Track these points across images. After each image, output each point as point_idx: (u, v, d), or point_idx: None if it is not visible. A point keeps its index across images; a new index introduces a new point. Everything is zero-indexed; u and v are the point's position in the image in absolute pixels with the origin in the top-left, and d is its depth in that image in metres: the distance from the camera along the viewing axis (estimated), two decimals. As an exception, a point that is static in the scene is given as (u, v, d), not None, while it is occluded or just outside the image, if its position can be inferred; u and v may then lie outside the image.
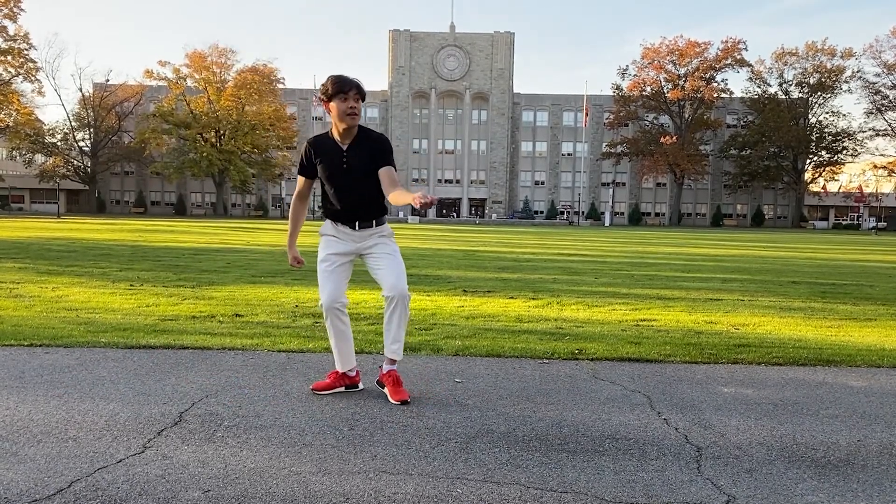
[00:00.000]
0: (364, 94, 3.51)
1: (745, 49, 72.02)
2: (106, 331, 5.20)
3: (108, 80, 75.04)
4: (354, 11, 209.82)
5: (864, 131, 73.81)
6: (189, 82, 70.50)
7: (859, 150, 74.08)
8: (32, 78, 67.08)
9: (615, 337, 5.40)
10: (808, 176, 76.60)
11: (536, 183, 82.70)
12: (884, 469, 2.73)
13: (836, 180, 77.78)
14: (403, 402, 3.50)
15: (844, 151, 74.35)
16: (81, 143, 76.14)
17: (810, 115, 75.21)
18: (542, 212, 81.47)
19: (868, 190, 76.84)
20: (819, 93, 73.69)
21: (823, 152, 75.22)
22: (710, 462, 2.76)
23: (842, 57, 71.91)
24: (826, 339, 5.52)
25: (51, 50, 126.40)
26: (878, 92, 71.51)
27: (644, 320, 6.33)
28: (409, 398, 3.53)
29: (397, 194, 3.35)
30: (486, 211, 78.50)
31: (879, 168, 73.96)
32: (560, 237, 30.23)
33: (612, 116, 76.19)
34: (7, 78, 65.72)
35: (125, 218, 52.81)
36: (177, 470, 2.55)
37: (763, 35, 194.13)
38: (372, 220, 3.65)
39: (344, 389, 3.73)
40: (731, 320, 6.43)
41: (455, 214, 78.88)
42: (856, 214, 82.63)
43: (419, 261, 13.03)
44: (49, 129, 72.85)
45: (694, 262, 14.63)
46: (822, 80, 72.49)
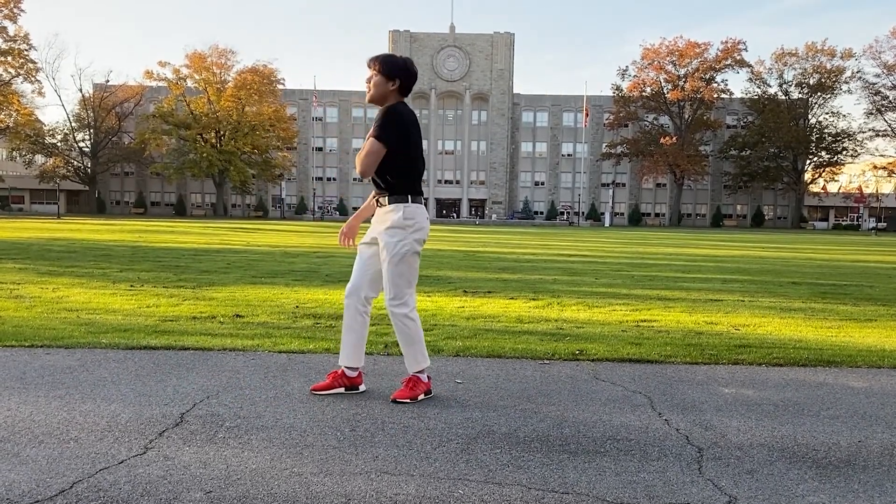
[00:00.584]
0: (384, 65, 3.44)
1: (745, 49, 72.15)
2: (107, 331, 5.20)
3: (108, 81, 75.15)
4: (354, 11, 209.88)
5: (863, 132, 73.92)
6: (189, 83, 70.53)
7: (859, 151, 74.18)
8: (32, 78, 67.17)
9: (616, 338, 5.40)
10: (807, 176, 76.64)
11: (536, 183, 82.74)
12: (885, 470, 2.73)
13: (835, 181, 77.90)
14: (394, 400, 3.49)
15: (844, 152, 74.41)
16: (81, 144, 76.21)
17: (810, 116, 75.26)
18: (541, 212, 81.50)
19: (868, 190, 76.89)
20: (819, 93, 73.75)
21: (823, 153, 75.27)
22: (711, 463, 2.76)
23: (842, 57, 71.98)
24: (827, 340, 5.52)
25: (51, 50, 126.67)
26: (877, 92, 71.58)
27: (644, 321, 6.33)
28: (398, 398, 3.49)
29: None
30: (486, 211, 78.52)
31: (879, 169, 74.03)
32: (560, 238, 30.24)
33: (611, 117, 76.24)
34: (7, 78, 65.75)
35: (125, 218, 52.82)
36: (178, 471, 2.55)
37: (763, 35, 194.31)
38: (386, 196, 3.52)
39: (344, 391, 3.65)
40: (731, 321, 6.43)
41: (455, 215, 78.89)
42: (856, 215, 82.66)
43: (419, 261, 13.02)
44: (49, 130, 72.90)
45: (694, 263, 14.63)
46: (822, 80, 72.53)
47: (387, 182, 3.50)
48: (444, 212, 79.52)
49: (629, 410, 3.47)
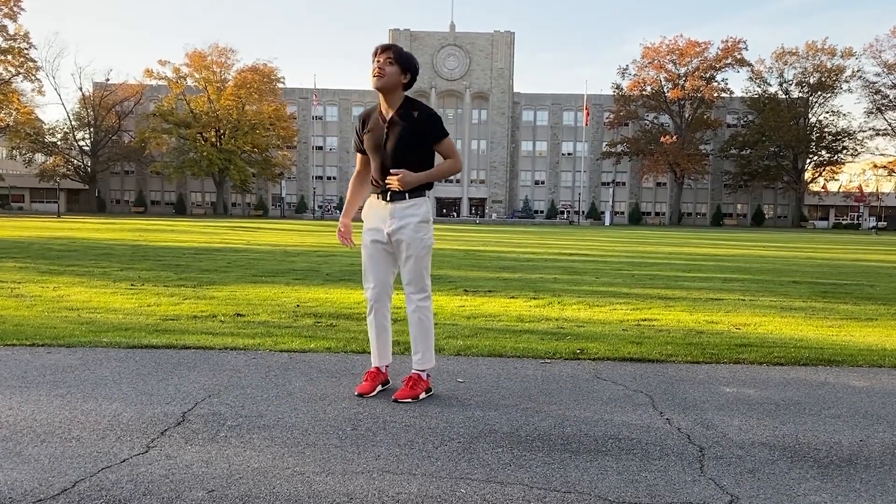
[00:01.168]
0: (401, 57, 3.39)
1: (746, 49, 72.11)
2: (108, 330, 5.21)
3: (108, 80, 75.11)
4: (354, 10, 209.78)
5: (864, 131, 73.92)
6: (189, 82, 70.53)
7: (859, 150, 74.19)
8: (32, 77, 67.14)
9: (617, 337, 5.40)
10: (808, 175, 76.62)
11: (536, 182, 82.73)
12: (887, 469, 2.74)
13: (836, 180, 77.88)
14: (395, 399, 3.50)
15: (844, 151, 74.41)
16: (81, 143, 76.23)
17: (810, 115, 75.25)
18: (542, 211, 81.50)
19: (868, 189, 76.89)
20: (819, 92, 73.72)
21: (823, 152, 75.26)
22: (712, 462, 2.76)
23: (842, 56, 71.95)
24: (827, 339, 5.52)
25: (51, 49, 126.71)
26: (878, 91, 71.55)
27: (645, 320, 6.33)
28: (400, 398, 3.50)
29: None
30: (487, 210, 78.53)
31: (879, 168, 74.02)
32: (560, 237, 30.24)
33: (612, 116, 76.22)
34: (7, 77, 65.71)
35: (125, 217, 52.82)
36: (180, 470, 2.55)
37: (763, 35, 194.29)
38: (405, 193, 3.48)
39: (381, 388, 3.69)
40: (732, 320, 6.43)
41: (455, 214, 78.89)
42: (856, 214, 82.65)
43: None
44: (49, 129, 72.92)
45: (694, 262, 14.63)
46: (823, 79, 72.52)
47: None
48: (445, 211, 79.51)
49: (630, 410, 3.47)
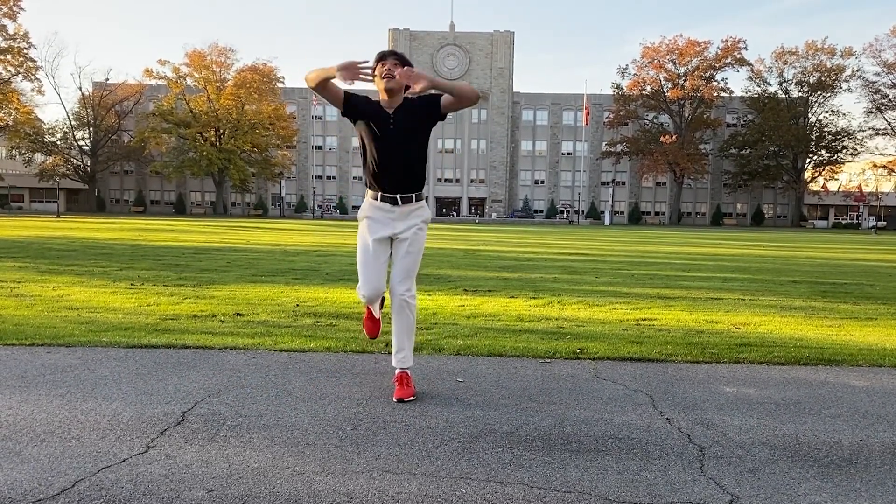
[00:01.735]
0: (404, 62, 3.49)
1: (745, 48, 72.06)
2: (107, 330, 5.20)
3: (107, 79, 75.03)
4: (354, 11, 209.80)
5: (863, 130, 73.89)
6: (189, 81, 70.47)
7: (859, 150, 74.14)
8: (32, 77, 67.07)
9: (616, 336, 5.40)
10: (807, 175, 76.60)
11: (536, 182, 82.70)
12: (887, 469, 2.74)
13: (835, 179, 77.82)
14: (399, 399, 3.49)
15: (844, 150, 74.37)
16: (81, 143, 76.14)
17: (810, 115, 75.24)
18: (541, 211, 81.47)
19: (868, 189, 76.87)
20: (819, 92, 73.69)
21: (823, 151, 75.23)
22: (713, 462, 2.76)
23: (842, 56, 71.93)
24: (827, 339, 5.52)
25: (50, 49, 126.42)
26: (877, 91, 71.53)
27: (645, 319, 6.33)
28: (406, 397, 3.49)
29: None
30: (486, 210, 78.51)
31: (879, 167, 74.01)
32: (560, 236, 30.24)
33: (611, 115, 76.17)
34: (7, 77, 65.67)
35: (125, 217, 52.79)
36: (180, 469, 2.55)
37: (763, 34, 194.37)
38: (412, 194, 3.60)
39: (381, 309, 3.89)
40: (732, 319, 6.43)
41: (455, 213, 78.88)
42: (855, 214, 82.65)
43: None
44: (49, 128, 72.83)
45: (694, 262, 14.63)
46: (822, 79, 72.50)
47: (418, 176, 3.63)
48: (444, 210, 79.49)
49: (630, 409, 3.47)
